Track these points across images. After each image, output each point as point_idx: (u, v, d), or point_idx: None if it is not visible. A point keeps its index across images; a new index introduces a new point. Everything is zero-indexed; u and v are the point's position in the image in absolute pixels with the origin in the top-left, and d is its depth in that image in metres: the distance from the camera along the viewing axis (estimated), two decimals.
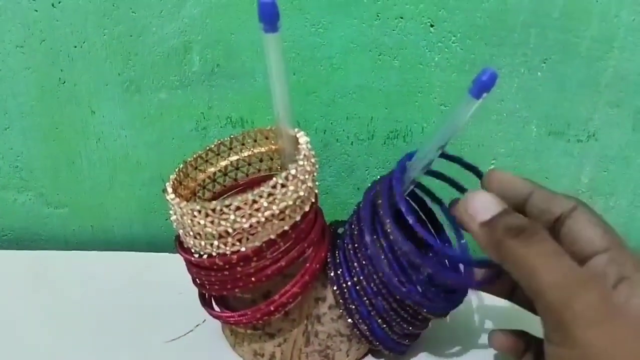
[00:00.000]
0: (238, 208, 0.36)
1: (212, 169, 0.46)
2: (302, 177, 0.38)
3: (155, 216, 0.63)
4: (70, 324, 0.50)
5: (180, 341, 0.47)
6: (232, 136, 0.46)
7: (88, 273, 0.57)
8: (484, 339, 0.45)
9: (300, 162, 0.37)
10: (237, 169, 0.47)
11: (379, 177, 0.43)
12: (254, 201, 0.36)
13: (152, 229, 0.64)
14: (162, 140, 0.59)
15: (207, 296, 0.45)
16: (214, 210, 0.36)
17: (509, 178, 0.36)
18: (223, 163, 0.46)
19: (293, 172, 0.37)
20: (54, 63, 0.55)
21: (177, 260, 0.43)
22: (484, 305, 0.50)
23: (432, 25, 0.50)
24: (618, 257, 0.31)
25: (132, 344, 0.47)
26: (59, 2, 0.52)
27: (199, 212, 0.36)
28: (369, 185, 0.43)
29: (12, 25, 0.53)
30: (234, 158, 0.47)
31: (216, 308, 0.44)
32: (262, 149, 0.47)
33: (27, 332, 0.49)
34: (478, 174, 0.40)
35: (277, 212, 0.37)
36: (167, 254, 0.59)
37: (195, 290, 0.44)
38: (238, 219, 0.36)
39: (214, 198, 0.47)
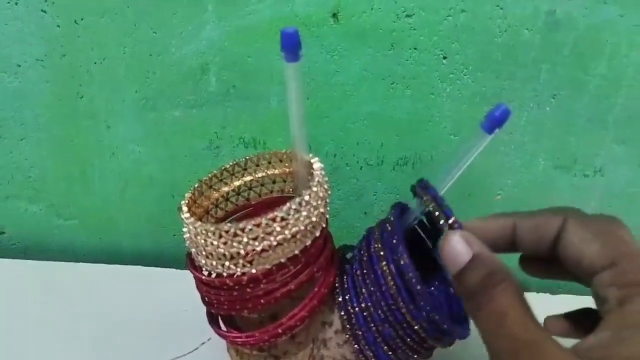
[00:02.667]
0: (251, 231, 0.36)
1: (226, 189, 0.47)
2: (314, 203, 0.38)
3: (164, 231, 0.64)
4: (75, 336, 0.50)
5: (184, 358, 0.48)
6: (247, 157, 0.46)
7: (95, 286, 0.57)
8: None
9: (314, 188, 0.38)
10: (250, 189, 0.48)
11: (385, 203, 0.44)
12: (267, 225, 0.36)
13: (161, 244, 0.65)
14: (175, 158, 0.59)
15: (214, 315, 0.45)
16: (227, 232, 0.36)
17: (483, 226, 0.34)
18: (237, 183, 0.47)
19: (307, 198, 0.37)
20: (74, 78, 0.56)
21: (183, 277, 0.43)
22: None
23: (444, 57, 0.52)
24: (622, 273, 0.27)
25: (137, 359, 0.47)
26: (82, 19, 0.54)
27: (213, 233, 0.37)
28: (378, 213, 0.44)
29: (34, 39, 0.55)
30: (247, 178, 0.47)
31: (223, 327, 0.44)
32: (276, 171, 0.47)
33: (31, 341, 0.49)
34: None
35: (289, 236, 0.37)
36: (174, 269, 0.59)
37: (201, 307, 0.44)
38: (250, 242, 0.36)
39: (226, 217, 0.47)
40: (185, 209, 0.40)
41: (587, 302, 0.55)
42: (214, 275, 0.39)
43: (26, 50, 0.55)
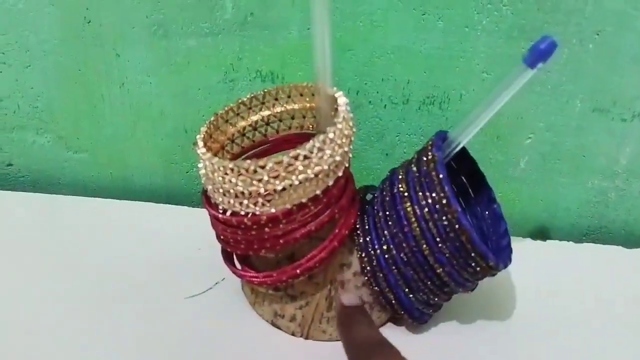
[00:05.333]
0: (272, 169, 0.34)
1: (243, 123, 0.44)
2: (339, 141, 0.36)
3: (176, 168, 0.62)
4: (82, 272, 0.49)
5: (198, 297, 0.47)
6: (265, 90, 0.44)
7: (105, 221, 0.56)
8: (502, 313, 0.44)
9: (339, 125, 0.36)
10: (268, 124, 0.45)
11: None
12: (289, 163, 0.34)
13: (172, 181, 0.63)
14: (188, 90, 0.57)
15: (229, 253, 0.44)
16: (247, 169, 0.34)
17: None
18: (254, 118, 0.45)
19: (331, 135, 0.35)
20: (80, 1, 0.53)
21: (196, 215, 0.42)
22: (508, 284, 0.49)
23: None
24: None
25: (148, 297, 0.46)
26: None
27: (232, 170, 0.35)
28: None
29: None
30: (265, 113, 0.45)
31: (238, 265, 0.43)
32: (295, 106, 0.45)
33: (38, 276, 0.48)
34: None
35: (312, 175, 0.35)
36: (186, 207, 0.58)
37: (214, 245, 0.43)
38: (271, 180, 0.34)
39: (242, 153, 0.45)
40: (201, 143, 0.38)
41: (613, 250, 0.54)
42: (228, 212, 0.37)
43: None
